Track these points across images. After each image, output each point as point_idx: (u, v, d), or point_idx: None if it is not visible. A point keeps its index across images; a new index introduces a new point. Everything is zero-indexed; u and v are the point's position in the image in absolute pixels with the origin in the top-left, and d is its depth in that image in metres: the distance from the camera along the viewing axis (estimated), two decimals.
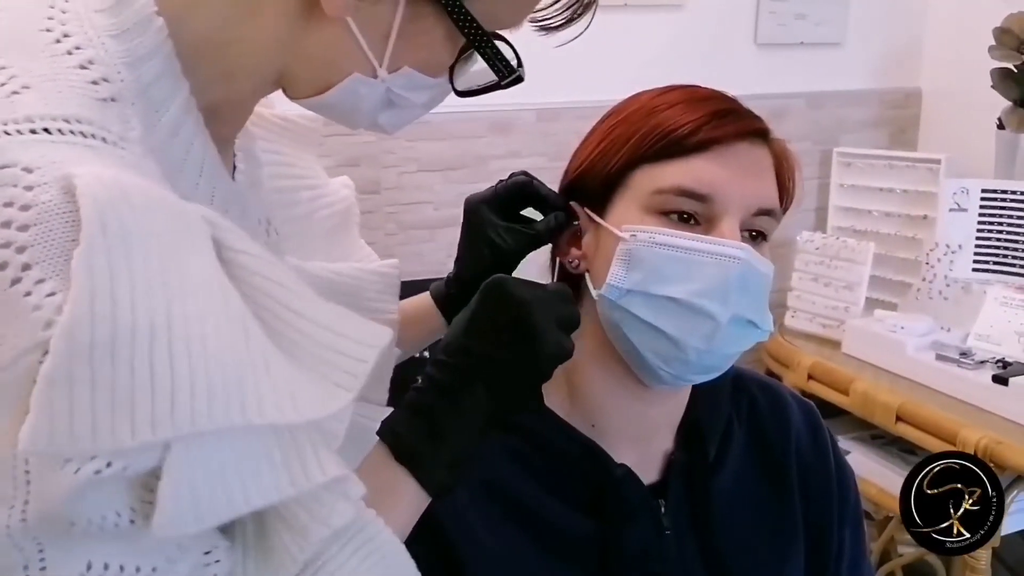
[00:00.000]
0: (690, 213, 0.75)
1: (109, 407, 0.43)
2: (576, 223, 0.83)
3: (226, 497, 0.48)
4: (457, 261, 0.90)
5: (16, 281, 0.43)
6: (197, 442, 0.46)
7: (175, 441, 0.45)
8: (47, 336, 0.43)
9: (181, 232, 0.48)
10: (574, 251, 0.82)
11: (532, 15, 0.65)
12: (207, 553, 0.52)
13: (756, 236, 0.77)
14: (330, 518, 0.54)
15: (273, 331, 0.52)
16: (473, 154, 2.14)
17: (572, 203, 0.83)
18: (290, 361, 0.52)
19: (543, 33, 0.66)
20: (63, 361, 0.42)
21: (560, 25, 0.66)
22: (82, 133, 0.48)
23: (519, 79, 0.65)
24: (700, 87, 0.81)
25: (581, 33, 0.68)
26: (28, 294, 0.43)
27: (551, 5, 0.65)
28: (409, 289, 2.45)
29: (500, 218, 0.86)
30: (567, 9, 0.66)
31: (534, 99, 2.18)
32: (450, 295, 0.91)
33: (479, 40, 0.61)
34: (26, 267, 0.43)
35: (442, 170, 2.13)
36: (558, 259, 0.85)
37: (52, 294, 0.43)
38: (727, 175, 0.74)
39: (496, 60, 0.63)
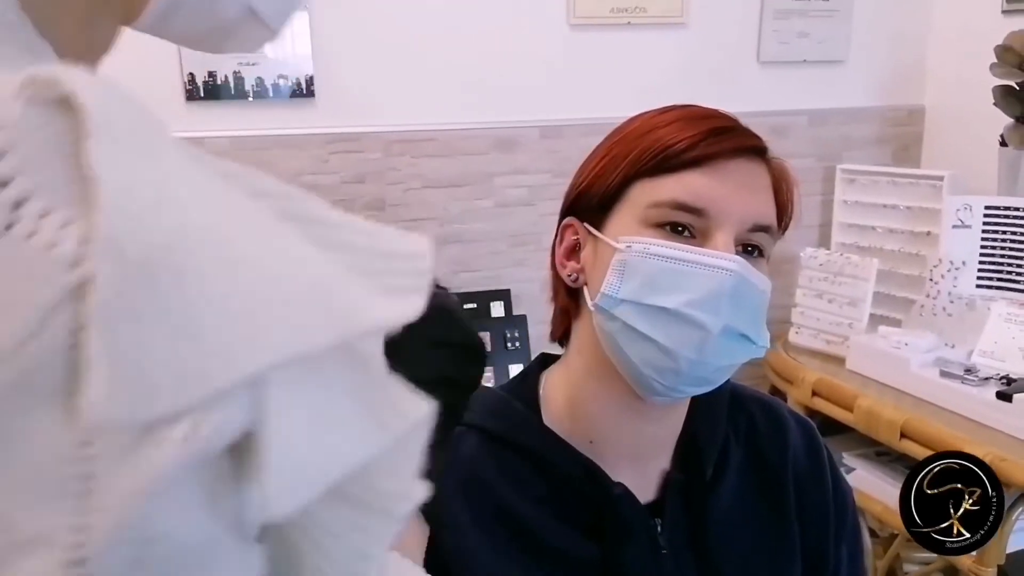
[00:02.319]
0: (685, 225, 0.76)
1: (189, 339, 0.32)
2: (576, 238, 0.83)
3: (329, 453, 0.37)
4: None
5: (9, 225, 0.32)
6: (289, 383, 0.35)
7: (270, 384, 0.34)
8: (78, 276, 0.31)
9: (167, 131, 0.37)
10: (572, 264, 0.83)
11: None
12: None
13: (752, 251, 0.78)
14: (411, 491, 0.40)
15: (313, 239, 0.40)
16: (478, 171, 2.15)
17: (572, 218, 0.84)
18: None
19: None
20: (116, 291, 0.31)
21: None
22: None
23: None
24: (699, 106, 0.82)
25: None
26: (32, 234, 0.32)
27: None
28: None
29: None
30: None
31: (538, 116, 2.19)
32: None
33: None
34: (18, 203, 0.32)
35: (447, 187, 2.14)
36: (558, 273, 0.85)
37: (68, 223, 0.32)
38: (722, 189, 0.75)
39: None
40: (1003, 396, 1.66)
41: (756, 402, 0.93)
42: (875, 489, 1.85)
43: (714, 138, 0.76)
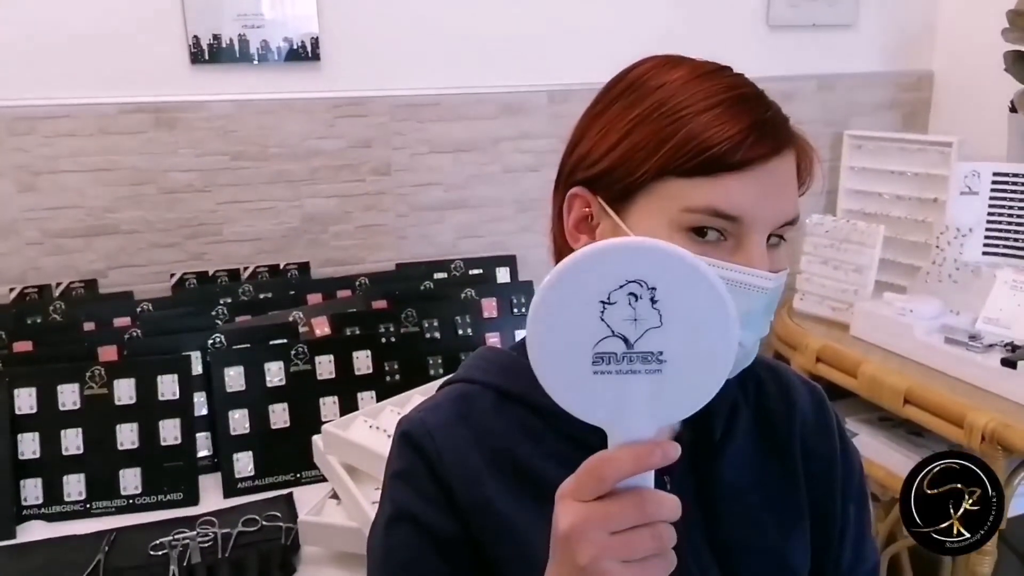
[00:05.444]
0: (719, 230, 0.74)
1: None
2: (587, 210, 0.82)
3: None
4: None
5: None
6: None
7: None
8: None
9: None
10: (584, 238, 0.82)
11: None
12: None
13: (777, 242, 0.78)
14: None
15: None
16: (484, 136, 2.14)
17: (582, 189, 0.81)
18: None
19: None
20: None
21: None
22: None
23: None
24: (731, 78, 0.78)
25: None
26: None
27: None
28: (418, 270, 2.45)
29: None
30: None
31: (545, 80, 2.18)
32: None
33: None
34: None
35: (453, 152, 2.13)
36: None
37: None
38: (759, 195, 0.74)
39: None
40: (1007, 363, 1.66)
41: (764, 366, 0.94)
42: (878, 454, 1.86)
43: (755, 138, 0.73)
